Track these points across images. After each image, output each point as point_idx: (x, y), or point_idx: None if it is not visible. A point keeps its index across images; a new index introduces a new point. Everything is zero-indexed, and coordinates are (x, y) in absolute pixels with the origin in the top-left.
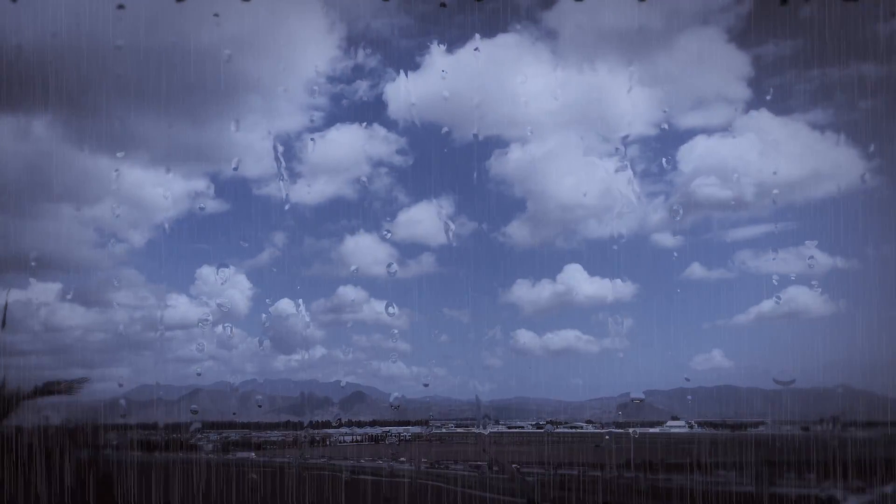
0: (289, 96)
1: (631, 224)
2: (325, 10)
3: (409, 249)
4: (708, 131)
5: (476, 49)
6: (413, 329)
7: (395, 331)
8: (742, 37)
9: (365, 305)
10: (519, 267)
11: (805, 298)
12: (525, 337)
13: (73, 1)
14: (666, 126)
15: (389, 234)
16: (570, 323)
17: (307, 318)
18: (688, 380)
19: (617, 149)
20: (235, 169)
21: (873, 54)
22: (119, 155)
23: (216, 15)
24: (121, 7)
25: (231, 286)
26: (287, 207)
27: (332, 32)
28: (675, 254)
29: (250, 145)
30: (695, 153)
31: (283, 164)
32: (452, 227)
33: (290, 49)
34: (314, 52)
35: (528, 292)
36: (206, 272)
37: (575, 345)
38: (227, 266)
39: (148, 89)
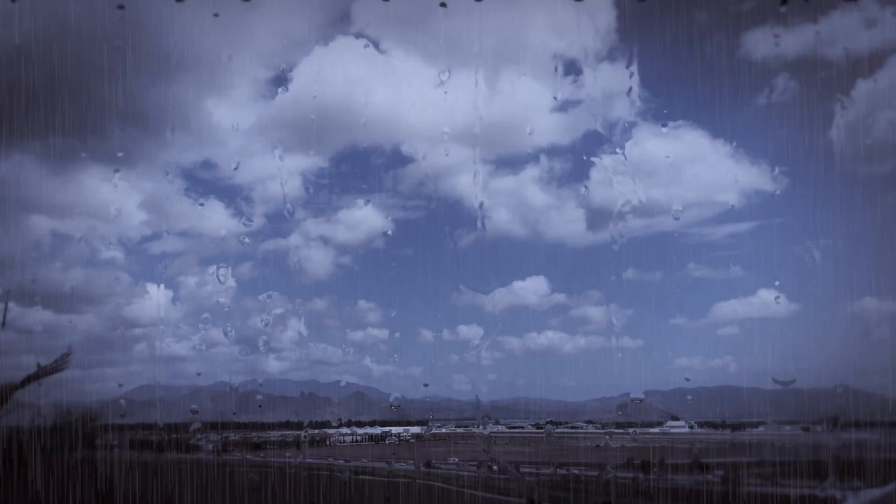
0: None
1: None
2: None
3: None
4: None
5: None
6: (412, 329)
7: (397, 334)
8: (649, 52)
9: (364, 305)
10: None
11: (800, 298)
12: (519, 339)
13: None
14: (583, 139)
15: (390, 233)
16: (565, 324)
17: (305, 318)
18: (688, 380)
19: (532, 159)
20: (236, 169)
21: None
22: (119, 154)
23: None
24: (121, 7)
25: (229, 286)
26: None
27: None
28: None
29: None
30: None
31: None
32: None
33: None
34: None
35: (518, 294)
36: (206, 273)
37: (570, 345)
38: (225, 266)
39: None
